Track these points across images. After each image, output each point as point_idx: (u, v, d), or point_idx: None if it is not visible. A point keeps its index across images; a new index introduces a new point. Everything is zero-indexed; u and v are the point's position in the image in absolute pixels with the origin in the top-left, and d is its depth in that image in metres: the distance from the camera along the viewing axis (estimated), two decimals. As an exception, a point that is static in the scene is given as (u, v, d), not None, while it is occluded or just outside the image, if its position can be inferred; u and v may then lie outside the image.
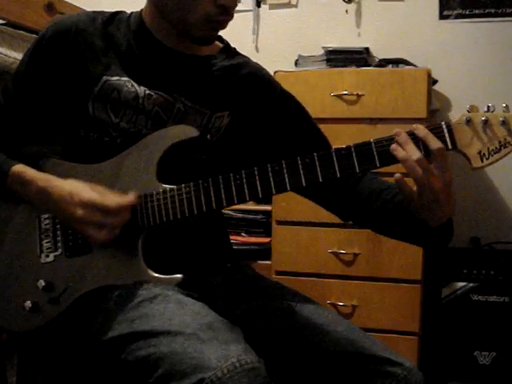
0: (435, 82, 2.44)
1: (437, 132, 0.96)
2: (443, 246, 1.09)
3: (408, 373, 1.01)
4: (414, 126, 0.96)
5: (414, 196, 0.97)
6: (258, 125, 1.21)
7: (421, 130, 0.95)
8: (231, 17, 1.10)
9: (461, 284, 2.26)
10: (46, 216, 1.12)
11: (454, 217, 1.03)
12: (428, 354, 2.25)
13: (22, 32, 1.59)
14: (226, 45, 1.25)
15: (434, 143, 0.94)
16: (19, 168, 1.10)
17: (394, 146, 0.96)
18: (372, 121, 2.18)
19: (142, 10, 1.19)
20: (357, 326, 1.12)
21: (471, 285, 2.24)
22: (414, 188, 0.97)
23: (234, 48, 1.26)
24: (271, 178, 1.00)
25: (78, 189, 1.04)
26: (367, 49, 2.52)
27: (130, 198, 1.04)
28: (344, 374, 1.03)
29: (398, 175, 0.96)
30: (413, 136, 0.96)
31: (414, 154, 0.94)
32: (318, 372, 1.05)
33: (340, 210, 1.22)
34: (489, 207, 2.54)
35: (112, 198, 1.03)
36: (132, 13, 1.21)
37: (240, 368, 0.83)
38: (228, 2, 1.07)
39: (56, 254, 1.10)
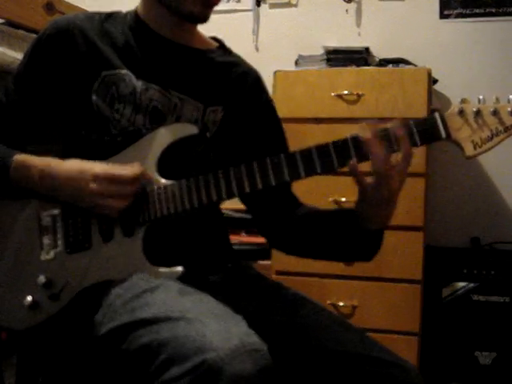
0: (435, 81, 2.44)
1: (431, 122, 1.00)
2: (372, 255, 1.13)
3: (407, 375, 1.01)
4: (392, 123, 1.00)
5: (368, 187, 1.01)
6: (245, 123, 1.24)
7: (399, 129, 0.99)
8: None
9: (461, 284, 2.26)
10: (46, 213, 1.12)
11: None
12: (428, 354, 2.24)
13: (21, 32, 1.59)
14: (222, 44, 1.29)
15: (407, 146, 0.98)
16: (23, 156, 1.11)
17: (368, 141, 0.99)
18: (372, 121, 2.18)
19: (136, 7, 1.23)
20: (356, 327, 1.11)
21: (471, 285, 2.24)
22: (369, 180, 1.01)
23: (229, 47, 1.30)
24: (270, 171, 1.03)
25: (87, 165, 1.06)
26: (367, 49, 2.51)
27: (139, 166, 1.06)
28: (342, 375, 1.03)
29: (354, 160, 0.99)
30: (385, 132, 0.99)
31: (383, 149, 0.98)
32: (316, 372, 1.05)
33: (272, 231, 1.28)
34: (489, 207, 2.54)
35: (124, 168, 1.05)
36: (127, 12, 1.24)
37: (243, 349, 0.82)
38: None
39: (56, 250, 1.10)
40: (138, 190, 1.06)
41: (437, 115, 0.99)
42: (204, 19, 1.17)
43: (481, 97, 1.00)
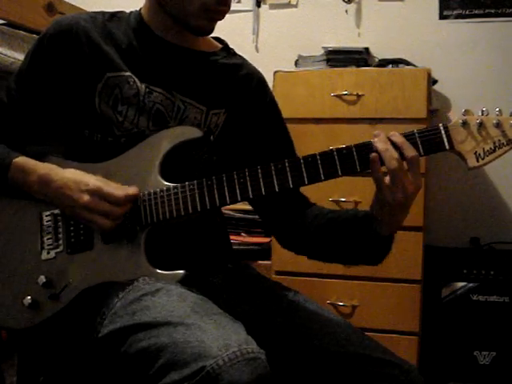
0: (435, 81, 2.44)
1: (435, 133, 1.00)
2: (380, 259, 1.14)
3: (407, 375, 1.01)
4: (391, 133, 1.01)
5: (385, 187, 1.01)
6: (249, 125, 1.23)
7: (397, 137, 1.00)
8: (228, 7, 1.13)
9: (461, 284, 2.26)
10: (48, 213, 1.12)
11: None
12: (428, 354, 2.25)
13: (22, 32, 1.59)
14: (226, 45, 1.28)
15: (410, 151, 0.99)
16: (22, 159, 1.11)
17: (375, 139, 1.00)
18: (372, 121, 2.18)
19: (140, 8, 1.22)
20: (356, 328, 1.12)
21: (471, 285, 2.24)
22: (387, 180, 1.01)
23: (233, 49, 1.29)
24: (274, 176, 1.02)
25: (83, 176, 1.06)
26: (367, 49, 2.52)
27: (135, 189, 1.06)
28: (343, 375, 1.03)
29: (374, 154, 1.00)
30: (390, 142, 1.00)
31: (393, 150, 0.99)
32: (316, 373, 1.05)
33: (282, 230, 1.28)
34: (489, 207, 2.54)
35: (118, 188, 1.05)
36: (131, 12, 1.23)
37: (241, 357, 0.83)
38: None
39: (57, 250, 1.10)
40: (127, 212, 1.05)
41: (441, 126, 1.00)
42: (209, 33, 1.17)
43: (484, 108, 1.01)
